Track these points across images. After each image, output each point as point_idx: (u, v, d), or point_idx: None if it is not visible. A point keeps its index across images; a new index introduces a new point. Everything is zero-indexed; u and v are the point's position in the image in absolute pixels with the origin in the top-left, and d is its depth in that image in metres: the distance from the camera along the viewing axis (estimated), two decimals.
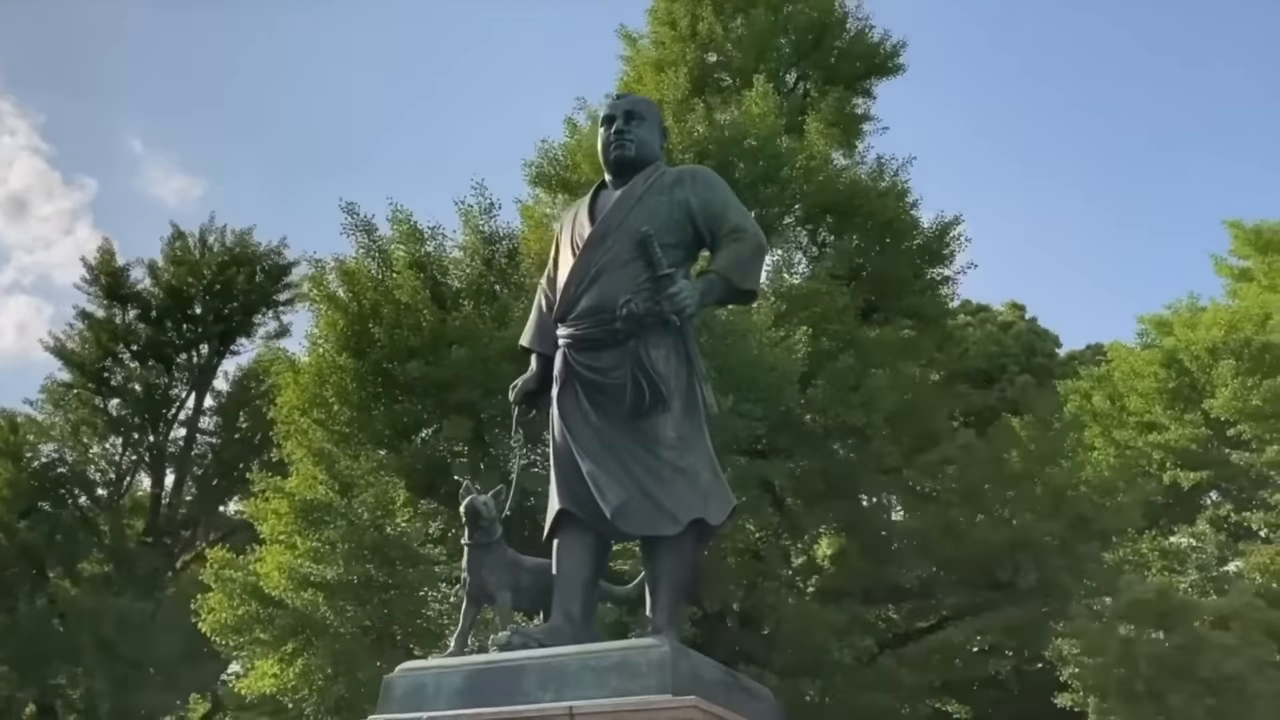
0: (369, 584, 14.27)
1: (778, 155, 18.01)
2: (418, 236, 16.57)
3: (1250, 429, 21.64)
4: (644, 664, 5.28)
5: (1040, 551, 16.56)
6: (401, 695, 5.73)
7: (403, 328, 14.76)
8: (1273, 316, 22.11)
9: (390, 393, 15.17)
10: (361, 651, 14.48)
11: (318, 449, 14.56)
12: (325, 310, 15.60)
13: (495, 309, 15.20)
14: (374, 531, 13.79)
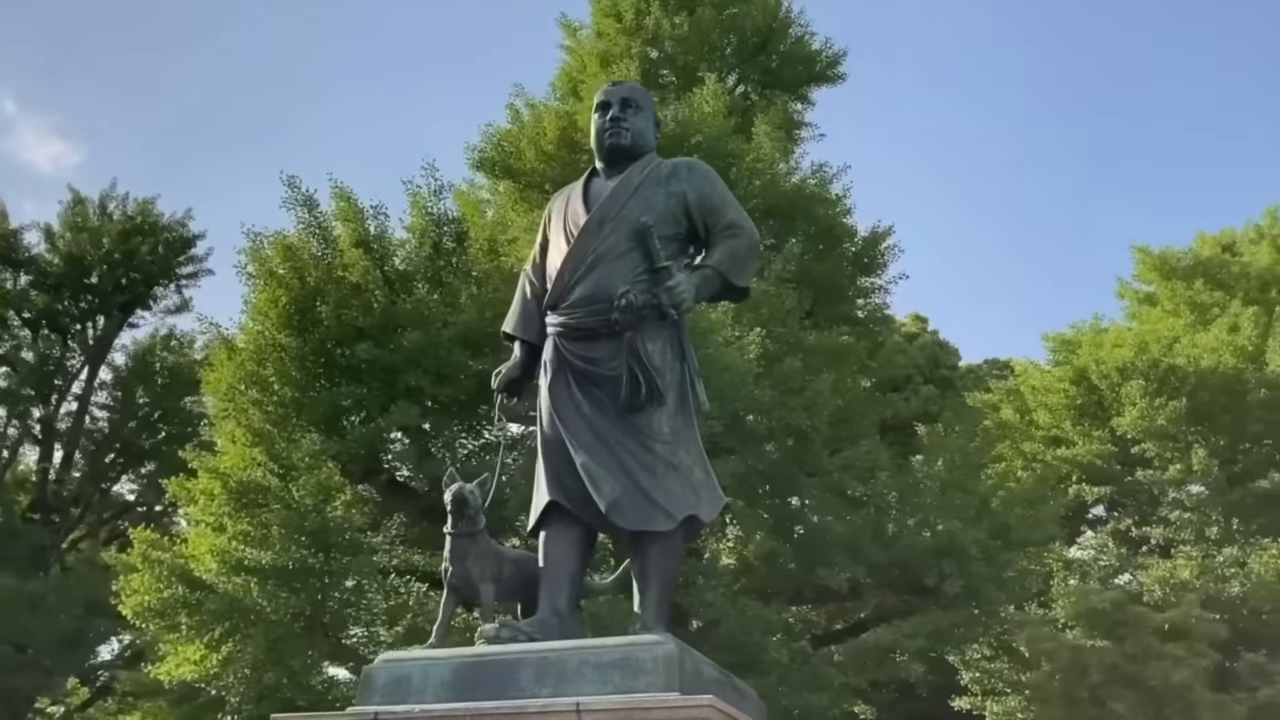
0: (304, 570, 13.86)
1: (727, 155, 18.07)
2: (358, 215, 16.20)
3: (1154, 448, 22.53)
4: (649, 661, 5.20)
5: (965, 559, 16.95)
6: (384, 687, 5.55)
7: (351, 308, 14.37)
8: (1180, 340, 23.04)
9: (331, 375, 14.78)
10: (293, 640, 14.07)
11: (257, 429, 14.06)
12: (266, 286, 15.10)
13: (444, 294, 14.94)
14: (316, 516, 13.37)
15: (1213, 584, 19.92)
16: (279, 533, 13.69)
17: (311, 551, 13.74)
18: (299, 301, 14.72)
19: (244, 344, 15.00)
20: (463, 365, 14.25)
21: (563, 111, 19.25)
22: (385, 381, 14.41)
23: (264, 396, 14.38)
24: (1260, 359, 22.59)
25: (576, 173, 18.55)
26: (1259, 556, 20.06)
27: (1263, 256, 25.76)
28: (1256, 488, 21.77)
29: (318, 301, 14.43)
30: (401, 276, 15.03)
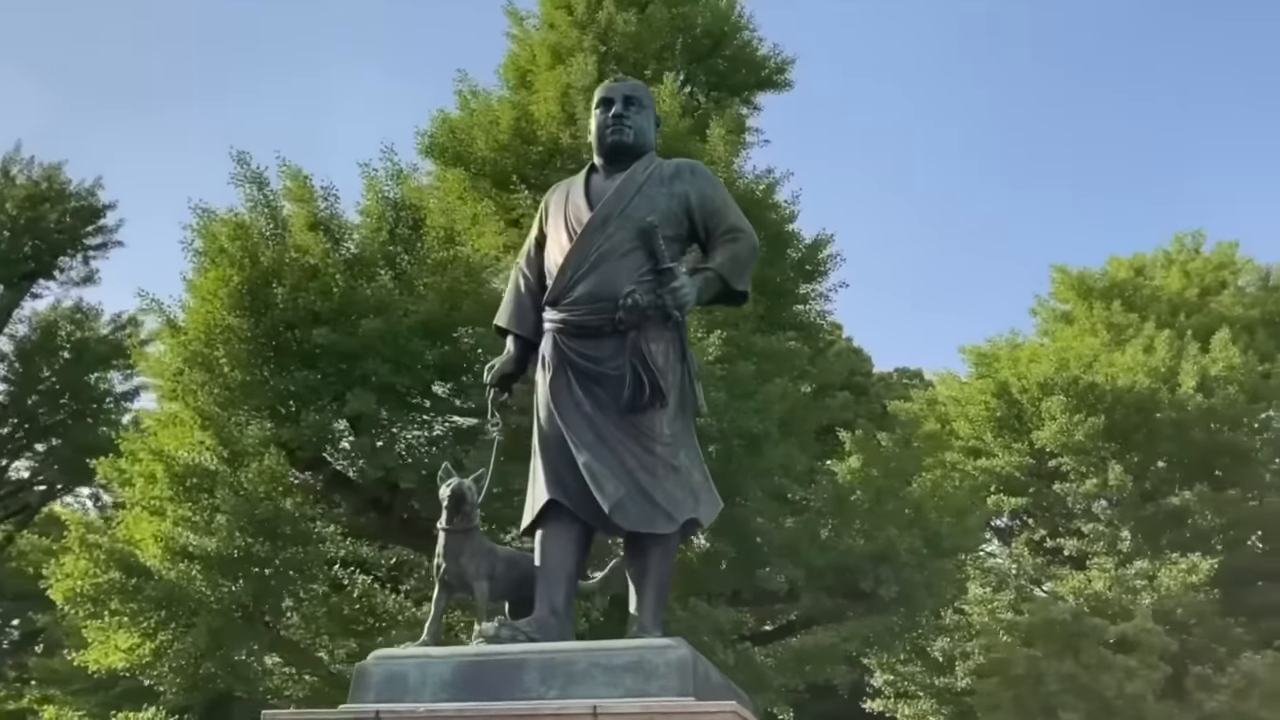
0: (249, 559, 13.46)
1: (683, 156, 18.06)
2: (312, 196, 15.79)
3: (1071, 462, 23.27)
4: (662, 665, 5.14)
5: (900, 565, 17.26)
6: (379, 684, 5.40)
7: (308, 291, 13.98)
8: (1099, 359, 23.83)
9: (282, 359, 14.36)
10: (234, 630, 13.66)
11: (206, 412, 13.58)
12: (216, 265, 14.59)
13: (402, 281, 14.65)
14: (268, 504, 12.98)
15: (1125, 595, 20.67)
16: (225, 519, 13.27)
17: (259, 540, 13.34)
18: (251, 282, 14.25)
19: (190, 324, 14.46)
20: (422, 354, 13.99)
21: (516, 102, 19.05)
22: (341, 368, 14.05)
23: (212, 379, 13.88)
24: (1173, 381, 23.47)
25: (528, 163, 18.62)
26: (1168, 570, 20.85)
27: (1174, 282, 26.77)
28: (1166, 504, 22.65)
29: (274, 283, 13.97)
30: (360, 261, 14.65)
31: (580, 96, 18.56)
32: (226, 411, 13.74)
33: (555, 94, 18.34)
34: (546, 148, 18.31)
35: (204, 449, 13.56)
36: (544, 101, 18.35)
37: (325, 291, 13.98)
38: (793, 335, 18.98)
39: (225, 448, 13.40)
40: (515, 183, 16.90)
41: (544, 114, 18.15)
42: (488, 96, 19.94)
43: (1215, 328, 24.93)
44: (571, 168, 18.12)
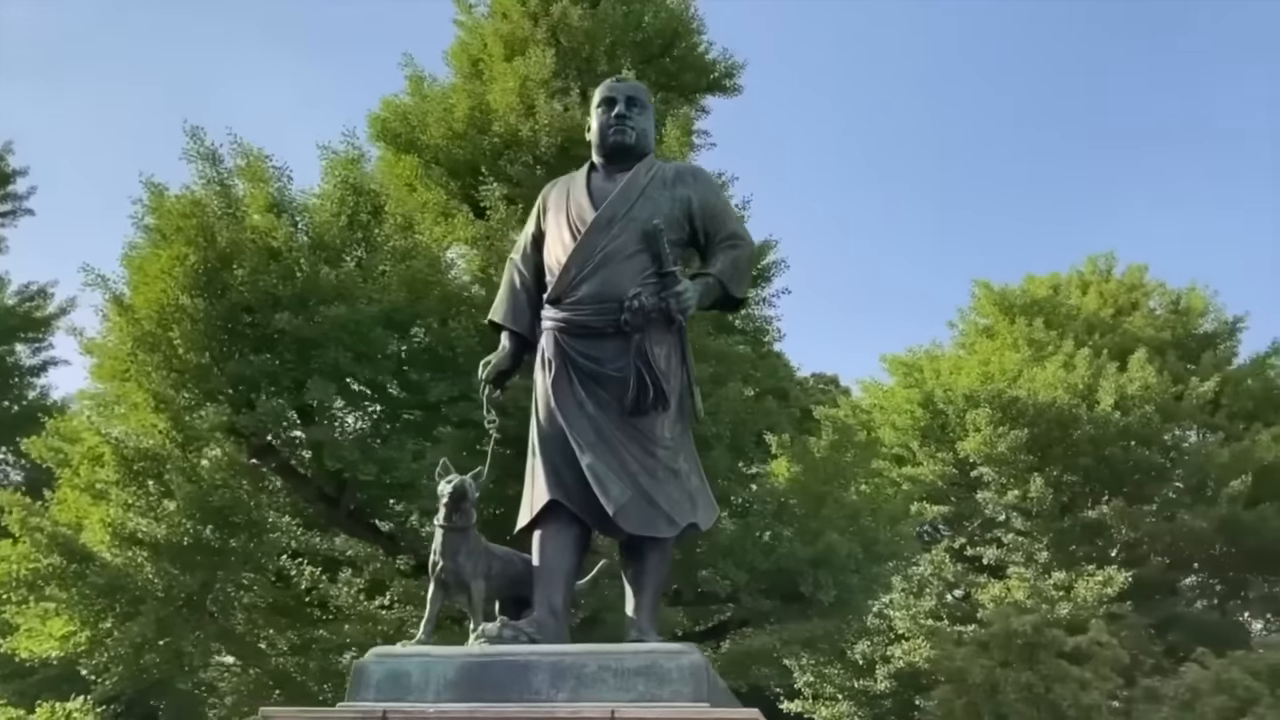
0: (199, 547, 13.05)
1: None
2: (270, 177, 15.38)
3: (992, 473, 23.88)
4: (674, 670, 5.16)
5: (840, 570, 17.50)
6: (380, 683, 5.35)
7: (270, 274, 13.61)
8: (1022, 373, 24.50)
9: (238, 343, 13.96)
10: (180, 620, 13.24)
11: (160, 394, 13.12)
12: (171, 243, 14.10)
13: (363, 269, 14.35)
14: (225, 490, 12.61)
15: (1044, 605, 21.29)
16: (175, 505, 12.85)
17: (210, 528, 12.95)
18: (208, 263, 13.81)
19: (140, 303, 13.94)
20: (383, 343, 13.74)
21: (472, 91, 18.82)
22: (299, 355, 13.70)
23: (165, 360, 13.42)
24: (1091, 398, 24.24)
25: (482, 154, 18.35)
26: (1085, 582, 21.54)
27: (1090, 302, 27.65)
28: (1084, 517, 23.39)
29: (234, 264, 13.56)
30: (322, 245, 14.30)
31: (540, 89, 18.45)
32: (181, 394, 13.28)
33: (514, 85, 18.17)
34: (503, 138, 18.13)
35: (156, 432, 13.08)
36: (502, 93, 18.17)
37: (287, 275, 13.61)
38: (739, 339, 19.12)
39: (180, 432, 12.94)
40: (482, 173, 16.68)
41: (503, 105, 17.97)
42: (440, 83, 19.68)
43: (1129, 347, 25.81)
44: (526, 160, 18.00)
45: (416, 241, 15.46)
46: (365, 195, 15.37)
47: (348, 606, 13.45)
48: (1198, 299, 28.34)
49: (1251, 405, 25.54)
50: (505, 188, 17.30)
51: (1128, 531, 23.00)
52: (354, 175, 15.47)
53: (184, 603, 13.44)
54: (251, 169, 15.36)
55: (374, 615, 13.55)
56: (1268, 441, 23.56)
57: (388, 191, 16.04)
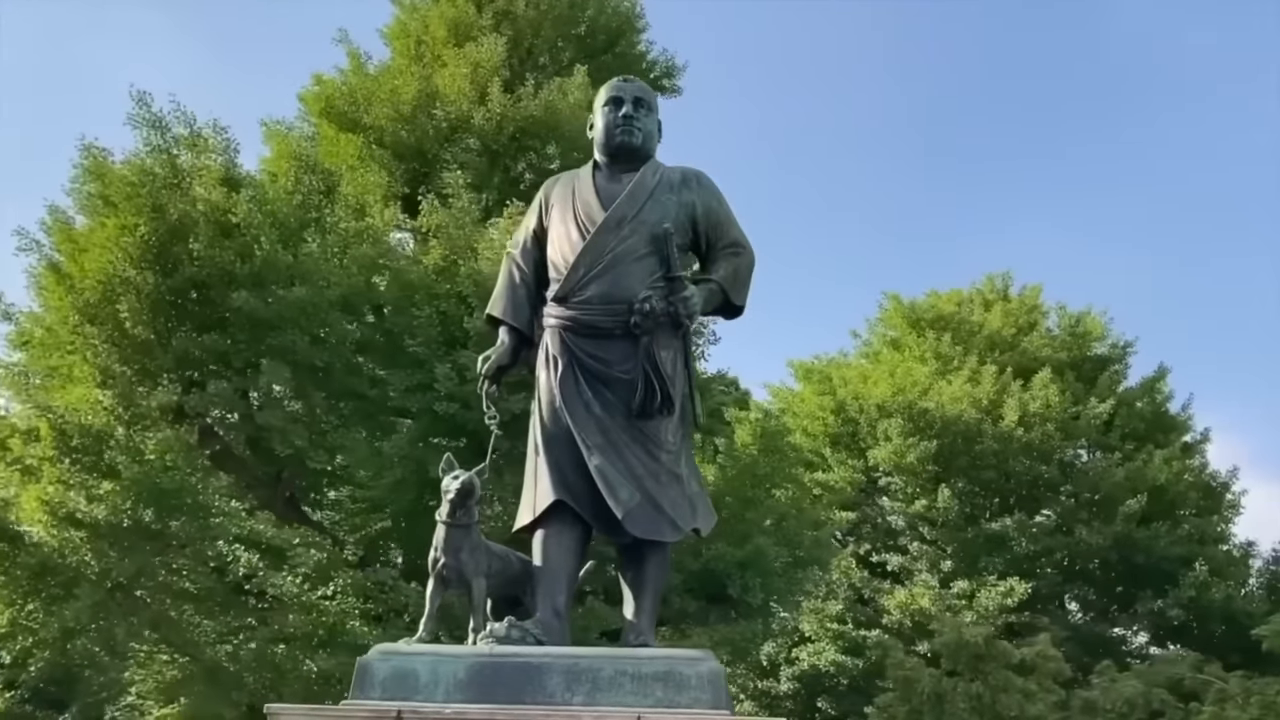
0: (139, 530, 12.53)
1: (586, 148, 17.97)
2: (215, 146, 14.81)
3: (900, 481, 24.48)
4: (694, 676, 5.20)
5: (767, 573, 17.72)
6: (385, 681, 5.29)
7: (227, 250, 13.11)
8: (933, 386, 25.18)
9: (185, 321, 13.42)
10: (113, 605, 12.69)
11: (106, 369, 12.53)
12: (118, 212, 13.48)
13: (323, 250, 13.95)
14: (174, 473, 12.11)
15: (948, 613, 21.94)
16: (118, 486, 12.30)
17: (154, 513, 12.43)
18: (158, 235, 13.23)
19: (82, 274, 13.28)
20: (340, 327, 13.38)
21: (421, 74, 18.45)
22: (253, 336, 13.25)
23: (113, 335, 12.82)
24: (996, 413, 25.04)
25: (428, 138, 17.99)
26: (987, 592, 22.27)
27: (994, 320, 28.53)
28: (987, 529, 24.15)
29: (191, 238, 13.02)
30: (279, 223, 13.82)
31: (493, 77, 18.21)
32: (128, 371, 12.71)
33: (466, 71, 17.89)
34: (451, 124, 17.84)
35: (101, 409, 12.49)
36: (454, 78, 17.86)
37: (245, 253, 13.13)
38: None
39: (127, 409, 12.39)
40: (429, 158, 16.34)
41: (454, 90, 17.67)
42: (378, 63, 19.28)
43: (1028, 366, 26.72)
44: (476, 148, 17.73)
45: (368, 224, 15.11)
46: (318, 173, 14.92)
47: (290, 597, 13.06)
48: (1093, 322, 29.44)
49: (1143, 427, 26.68)
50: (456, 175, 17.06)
51: (1027, 544, 23.83)
52: (305, 151, 15.02)
53: (116, 587, 12.90)
54: (197, 140, 14.78)
55: (316, 606, 13.19)
56: (1159, 463, 24.66)
57: (340, 171, 15.60)
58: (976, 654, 16.14)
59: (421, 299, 13.58)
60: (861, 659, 22.90)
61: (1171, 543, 23.79)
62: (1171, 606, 23.16)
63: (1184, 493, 25.06)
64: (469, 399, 13.12)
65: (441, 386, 12.96)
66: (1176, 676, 17.32)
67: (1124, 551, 23.51)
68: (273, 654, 13.65)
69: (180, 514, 12.64)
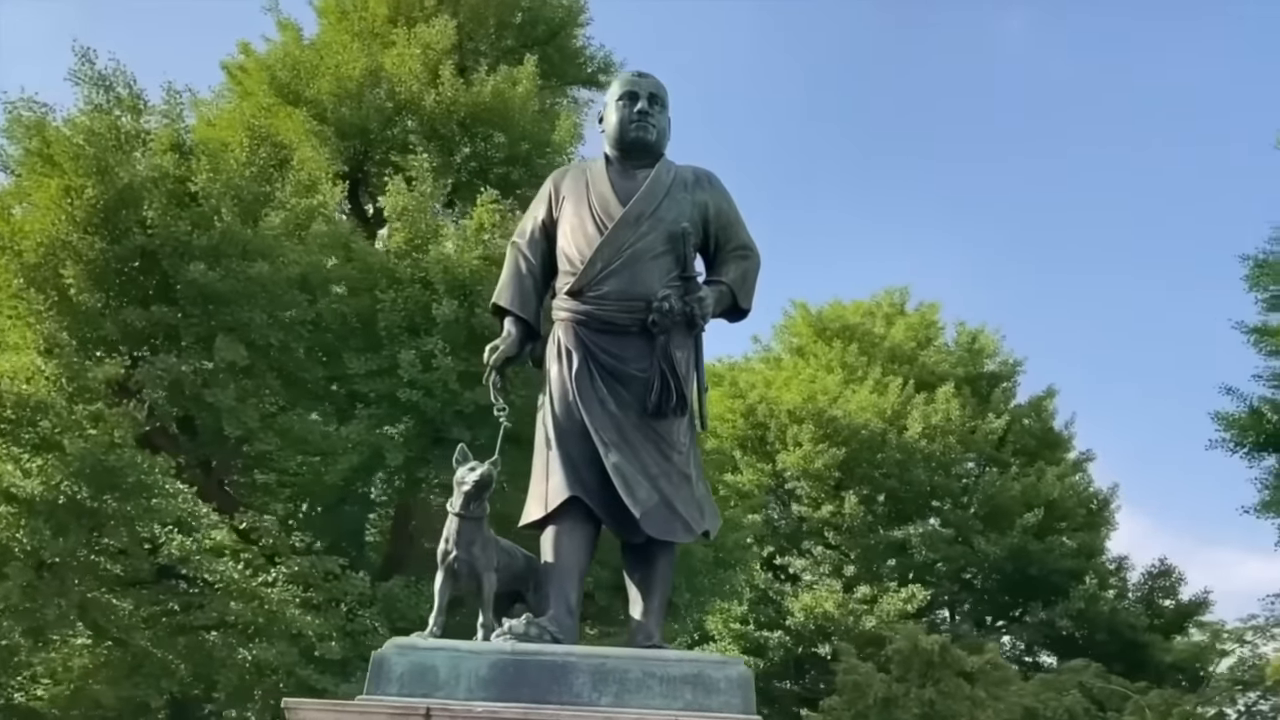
0: (74, 508, 11.90)
1: (538, 142, 17.88)
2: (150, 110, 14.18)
3: (807, 487, 24.92)
4: (723, 680, 5.21)
5: (693, 574, 17.83)
6: (403, 676, 5.17)
7: (184, 221, 12.55)
8: (841, 394, 25.72)
9: (134, 291, 12.81)
10: (43, 586, 12.01)
11: (54, 339, 11.85)
12: (60, 173, 12.77)
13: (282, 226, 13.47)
14: (121, 450, 11.53)
15: (850, 618, 22.47)
16: (55, 460, 11.65)
17: (92, 490, 11.82)
18: (106, 199, 12.58)
19: (18, 236, 12.53)
20: (298, 306, 12.96)
21: (369, 50, 17.98)
22: (206, 311, 12.72)
23: (58, 303, 12.15)
24: (899, 423, 25.70)
25: (372, 117, 17.52)
26: (889, 598, 22.85)
27: (897, 333, 29.27)
28: (888, 535, 24.78)
29: (146, 204, 12.42)
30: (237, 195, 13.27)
31: (443, 59, 17.88)
32: (73, 340, 12.05)
33: (418, 52, 17.52)
34: (398, 104, 17.45)
35: (43, 378, 11.81)
36: (405, 59, 17.46)
37: (202, 224, 12.59)
38: None
39: (71, 381, 11.74)
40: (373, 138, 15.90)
41: (405, 71, 17.28)
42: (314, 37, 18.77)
43: (926, 380, 27.51)
44: (421, 131, 17.36)
45: (320, 201, 14.68)
46: (274, 146, 14.41)
47: (230, 583, 12.60)
48: (987, 339, 30.46)
49: (1034, 444, 27.73)
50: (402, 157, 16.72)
51: (927, 553, 24.52)
52: (259, 121, 14.47)
53: (45, 566, 12.23)
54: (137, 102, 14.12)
55: (256, 593, 12.76)
56: (1052, 479, 25.68)
57: (292, 144, 15.09)
58: (928, 660, 16.55)
59: (384, 282, 13.24)
60: (764, 660, 23.21)
61: (1062, 556, 24.78)
62: (1061, 617, 24.17)
63: (1072, 509, 26.12)
64: (431, 387, 12.89)
65: (405, 373, 12.67)
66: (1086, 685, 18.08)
67: (1018, 563, 24.40)
68: (205, 641, 13.16)
69: (119, 493, 12.05)
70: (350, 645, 13.30)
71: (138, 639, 12.97)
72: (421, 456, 13.39)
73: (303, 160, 15.21)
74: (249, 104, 14.75)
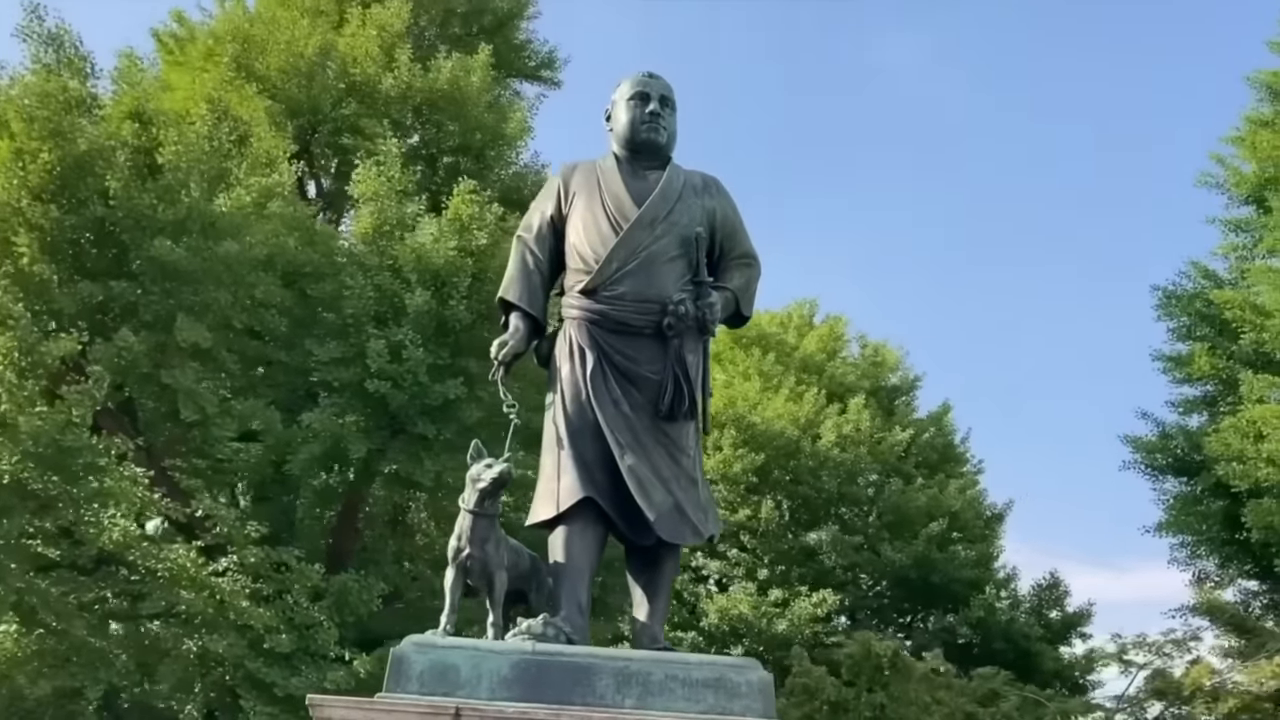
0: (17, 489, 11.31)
1: (494, 131, 17.71)
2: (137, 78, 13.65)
3: (724, 491, 25.16)
4: (744, 685, 5.28)
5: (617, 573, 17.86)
6: (423, 675, 5.15)
7: (149, 194, 12.04)
8: (760, 402, 26.06)
9: (85, 265, 12.24)
10: None
11: (7, 310, 11.21)
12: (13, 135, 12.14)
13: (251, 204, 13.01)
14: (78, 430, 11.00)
15: (764, 620, 22.76)
16: (4, 439, 11.05)
17: (40, 472, 11.25)
18: (63, 164, 12.00)
19: None
20: (262, 289, 12.55)
21: (319, 28, 17.53)
22: (165, 289, 12.22)
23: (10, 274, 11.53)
24: (813, 431, 26.15)
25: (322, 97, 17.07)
26: (801, 602, 23.22)
27: (809, 344, 29.76)
28: (801, 541, 25.19)
29: (109, 175, 11.87)
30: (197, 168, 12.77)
31: (398, 42, 17.56)
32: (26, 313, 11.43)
33: (374, 33, 17.16)
34: (350, 85, 17.06)
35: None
36: (361, 39, 17.07)
37: (169, 198, 12.09)
38: None
39: (24, 356, 11.15)
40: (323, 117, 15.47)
41: (361, 52, 16.90)
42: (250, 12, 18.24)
43: (835, 391, 28.06)
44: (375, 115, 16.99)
45: (277, 180, 14.24)
46: (234, 121, 13.93)
47: (181, 571, 12.14)
48: (889, 353, 31.20)
49: (935, 457, 28.52)
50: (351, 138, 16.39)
51: (837, 559, 25.01)
52: (221, 95, 13.97)
53: None
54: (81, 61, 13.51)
55: (206, 583, 12.34)
56: (955, 491, 26.48)
57: (250, 120, 14.60)
58: (878, 665, 16.87)
59: (352, 269, 12.92)
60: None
61: (961, 565, 25.55)
62: (961, 624, 24.92)
63: (971, 521, 26.96)
64: (399, 378, 12.63)
65: (373, 363, 12.38)
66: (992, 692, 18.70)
67: (921, 570, 25.05)
68: (147, 631, 12.67)
69: (66, 475, 11.50)
70: (297, 638, 12.98)
71: (78, 627, 12.39)
72: (379, 449, 13.10)
73: (260, 138, 14.73)
74: (210, 77, 14.20)
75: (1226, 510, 18.19)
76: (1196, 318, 20.05)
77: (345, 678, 12.66)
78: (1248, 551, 18.81)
